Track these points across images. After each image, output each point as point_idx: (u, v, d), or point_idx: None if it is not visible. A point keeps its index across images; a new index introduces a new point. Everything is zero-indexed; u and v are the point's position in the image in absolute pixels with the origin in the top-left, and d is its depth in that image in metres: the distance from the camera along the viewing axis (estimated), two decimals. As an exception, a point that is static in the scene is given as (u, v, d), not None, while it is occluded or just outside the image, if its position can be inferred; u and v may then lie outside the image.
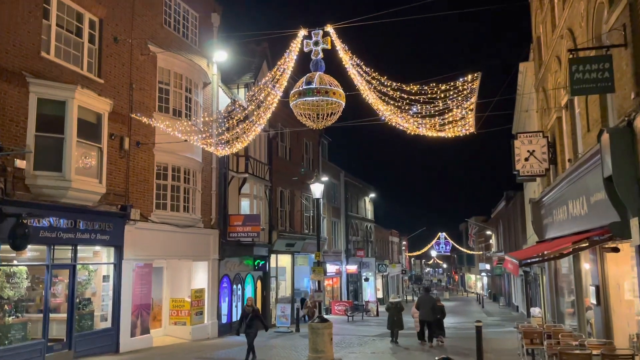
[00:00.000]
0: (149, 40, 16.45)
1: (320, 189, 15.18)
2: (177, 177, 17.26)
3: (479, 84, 10.80)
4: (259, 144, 23.60)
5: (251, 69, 22.89)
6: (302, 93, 11.44)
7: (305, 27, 11.75)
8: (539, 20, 16.32)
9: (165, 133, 15.86)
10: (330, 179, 35.17)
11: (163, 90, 17.09)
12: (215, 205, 19.59)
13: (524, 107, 20.85)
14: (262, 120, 13.54)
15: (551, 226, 14.10)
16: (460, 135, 12.35)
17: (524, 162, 14.47)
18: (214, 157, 19.42)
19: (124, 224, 14.76)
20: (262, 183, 23.64)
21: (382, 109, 12.05)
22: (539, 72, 16.53)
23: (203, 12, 19.83)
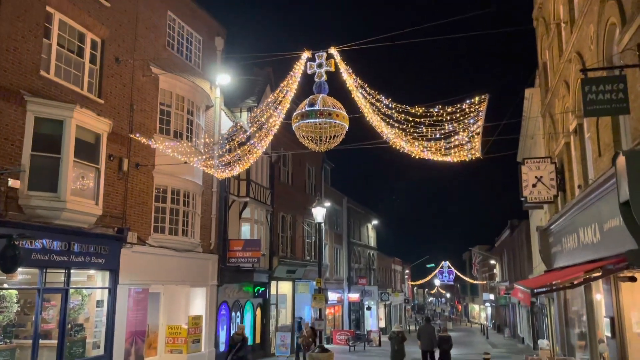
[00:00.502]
0: (151, 62, 16.34)
1: (322, 213, 14.83)
2: (176, 200, 16.95)
3: (486, 107, 10.52)
4: (261, 168, 23.36)
5: (254, 93, 22.81)
6: (305, 115, 11.20)
7: (309, 49, 11.60)
8: (544, 46, 16.15)
9: (165, 155, 15.62)
10: (332, 205, 34.77)
11: (164, 112, 16.91)
12: (215, 230, 19.22)
13: (530, 134, 20.59)
14: (264, 142, 13.28)
15: (560, 255, 13.64)
16: (466, 160, 12.06)
17: (531, 188, 14.10)
18: (215, 180, 19.14)
19: (120, 247, 14.38)
20: (263, 207, 23.30)
21: (387, 132, 11.78)
22: (545, 98, 16.30)
23: (207, 36, 19.82)
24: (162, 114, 16.83)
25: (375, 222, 49.23)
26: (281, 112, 12.49)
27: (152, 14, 16.68)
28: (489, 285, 61.17)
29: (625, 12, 7.93)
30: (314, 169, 31.87)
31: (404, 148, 11.95)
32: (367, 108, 11.51)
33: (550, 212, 15.94)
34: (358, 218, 43.60)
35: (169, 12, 17.65)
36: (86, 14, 13.88)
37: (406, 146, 11.90)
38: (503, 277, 48.05)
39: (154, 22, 16.76)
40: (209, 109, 19.32)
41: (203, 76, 19.29)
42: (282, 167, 26.91)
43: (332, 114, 11.16)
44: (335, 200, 36.91)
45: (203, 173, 18.11)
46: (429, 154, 11.92)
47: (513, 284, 34.94)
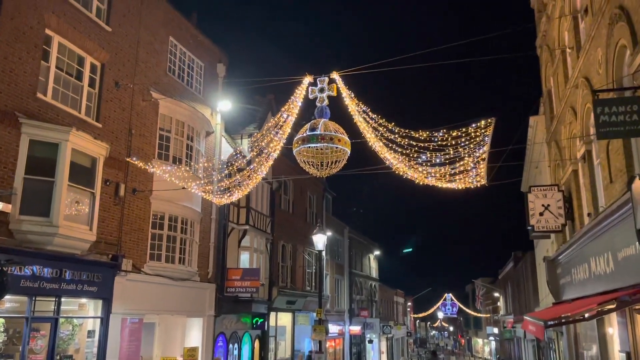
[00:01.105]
0: (151, 87, 16.21)
1: (323, 240, 14.44)
2: (174, 227, 16.58)
3: (492, 131, 10.24)
4: (261, 195, 23.06)
5: (256, 120, 22.69)
6: (306, 139, 10.96)
7: (311, 74, 11.43)
8: (549, 73, 16.01)
9: (163, 180, 15.33)
10: (334, 234, 34.34)
11: (164, 137, 16.70)
12: (213, 258, 18.79)
13: (534, 163, 20.30)
14: (264, 167, 13.00)
15: (570, 286, 13.16)
16: (471, 186, 11.75)
17: (538, 217, 13.69)
18: (214, 207, 18.82)
19: (114, 274, 13.94)
20: (263, 236, 22.90)
21: (390, 158, 11.51)
22: (550, 125, 16.06)
23: (209, 62, 19.78)
24: (161, 139, 16.61)
25: (377, 253, 48.62)
26: (282, 136, 12.25)
27: (153, 40, 16.62)
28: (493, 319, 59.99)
29: (637, 32, 7.71)
30: (315, 198, 31.56)
31: (408, 174, 11.67)
32: (369, 133, 11.28)
33: (557, 242, 15.52)
34: (360, 248, 43.05)
35: (171, 38, 17.63)
36: (86, 37, 13.78)
37: (410, 172, 11.62)
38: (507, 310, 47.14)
39: (155, 47, 16.70)
40: (209, 135, 19.12)
41: (204, 102, 19.15)
42: (283, 194, 26.64)
43: (334, 139, 10.92)
44: (337, 229, 36.46)
45: (202, 200, 17.81)
46: (434, 180, 11.64)
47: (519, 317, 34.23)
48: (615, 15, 8.55)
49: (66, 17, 13.19)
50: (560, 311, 10.34)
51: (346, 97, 11.10)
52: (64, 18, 13.10)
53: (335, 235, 35.83)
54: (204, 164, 17.32)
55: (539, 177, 20.03)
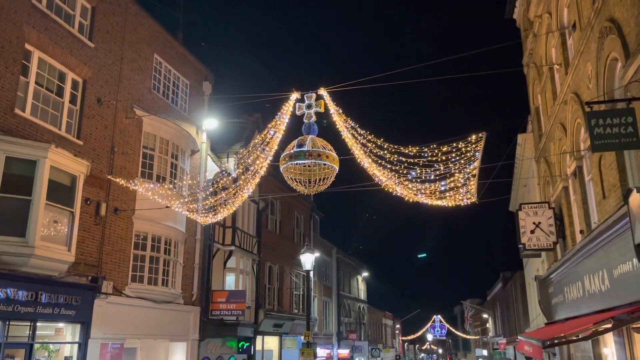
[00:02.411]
0: (135, 104, 15.97)
1: (311, 260, 14.13)
2: (157, 247, 16.17)
3: (483, 146, 10.09)
4: (248, 215, 22.76)
5: (242, 138, 22.48)
6: (293, 156, 10.77)
7: (298, 90, 11.28)
8: (537, 91, 16.03)
9: (146, 199, 14.97)
10: (322, 255, 34.00)
11: (147, 156, 16.41)
12: (198, 280, 18.35)
13: (523, 182, 20.26)
14: (250, 185, 12.74)
15: (562, 306, 12.94)
16: (461, 204, 11.59)
17: (529, 235, 13.53)
18: (199, 227, 18.48)
19: (93, 297, 13.46)
20: (249, 257, 22.52)
21: (378, 174, 11.32)
22: (539, 143, 16.03)
23: (194, 80, 19.61)
24: (145, 158, 16.32)
25: (366, 274, 48.23)
26: (268, 153, 12.03)
27: (137, 56, 16.42)
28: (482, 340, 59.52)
29: (629, 44, 7.62)
30: (303, 218, 31.30)
31: (397, 191, 11.48)
32: (358, 149, 11.11)
33: (549, 261, 15.35)
34: (348, 270, 42.69)
35: (156, 55, 17.44)
36: (68, 53, 13.52)
37: (399, 189, 11.43)
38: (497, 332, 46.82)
39: (139, 64, 16.49)
40: (194, 154, 18.87)
41: (189, 120, 18.93)
42: (270, 215, 26.40)
43: (322, 155, 10.76)
44: (325, 250, 36.13)
45: (186, 219, 17.47)
46: (423, 198, 11.45)
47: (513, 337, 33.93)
48: (606, 29, 8.49)
49: (47, 32, 12.93)
50: (553, 331, 10.09)
51: (334, 113, 10.98)
52: (44, 33, 12.84)
53: (324, 256, 35.48)
54: (188, 182, 16.97)
55: (527, 196, 19.97)
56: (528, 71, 17.12)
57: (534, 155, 17.20)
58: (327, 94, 10.92)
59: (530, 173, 18.37)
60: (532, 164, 17.83)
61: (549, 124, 13.99)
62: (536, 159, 16.80)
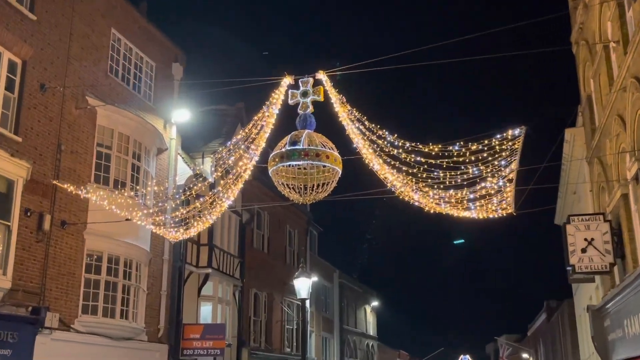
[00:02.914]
0: (87, 91, 16.10)
1: (307, 286, 14.19)
2: (114, 270, 16.26)
3: (522, 144, 10.15)
4: (228, 230, 22.90)
5: (221, 134, 22.62)
6: (286, 156, 10.79)
7: (291, 74, 11.34)
8: (588, 75, 16.13)
9: (101, 210, 15.03)
10: (321, 280, 34.07)
11: (103, 156, 16.53)
12: (166, 311, 18.48)
13: (572, 188, 20.33)
14: (231, 192, 12.79)
15: (621, 343, 12.99)
16: (495, 216, 11.64)
17: (580, 254, 13.63)
18: (167, 245, 18.62)
19: (35, 333, 13.54)
20: (230, 282, 22.66)
21: (391, 179, 11.38)
22: (591, 140, 16.11)
23: (162, 61, 19.76)
24: (99, 158, 16.44)
25: (375, 304, 48.36)
26: (254, 152, 12.09)
27: (90, 32, 16.56)
28: (522, 386, 59.60)
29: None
30: (297, 233, 31.44)
31: (414, 199, 11.55)
32: (365, 147, 11.17)
33: (604, 287, 15.41)
34: (353, 298, 42.81)
35: (114, 30, 17.59)
36: (3, 28, 13.65)
37: (417, 197, 11.49)
38: (540, 375, 46.96)
39: (93, 41, 16.62)
40: (161, 153, 18.99)
41: (155, 111, 19.05)
42: (256, 229, 26.50)
43: (321, 155, 10.77)
44: (325, 274, 36.20)
45: (151, 235, 17.54)
46: (448, 208, 11.51)
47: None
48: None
49: (-22, 2, 13.01)
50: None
51: (336, 103, 11.04)
52: (-26, 2, 12.92)
53: (323, 281, 35.52)
54: (153, 189, 17.02)
55: (577, 206, 20.03)
56: (577, 50, 17.21)
57: (585, 155, 17.28)
58: (327, 78, 10.93)
59: (581, 177, 18.43)
60: (583, 166, 17.89)
61: (604, 116, 14.07)
62: (588, 160, 16.87)
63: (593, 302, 17.31)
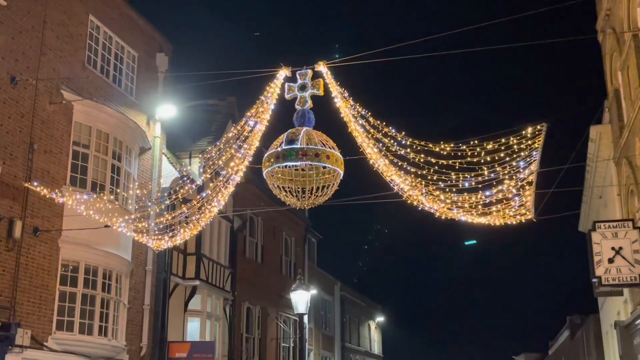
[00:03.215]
0: (63, 84, 16.10)
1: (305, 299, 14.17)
2: (92, 282, 16.23)
3: (543, 143, 10.14)
4: (218, 237, 22.91)
5: (210, 132, 22.64)
6: (282, 156, 10.84)
7: (288, 65, 11.35)
8: (616, 67, 16.14)
9: (77, 216, 15.01)
10: (320, 293, 34.06)
11: (79, 156, 16.51)
12: (149, 327, 18.48)
13: (597, 192, 20.32)
14: (221, 196, 12.79)
15: (653, 363, 13.00)
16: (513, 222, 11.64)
17: (607, 264, 13.68)
18: (150, 254, 18.63)
19: (4, 351, 13.51)
20: (220, 295, 22.67)
21: (398, 181, 11.37)
22: (619, 138, 16.12)
23: (145, 52, 19.80)
24: (76, 158, 16.42)
25: (381, 319, 48.33)
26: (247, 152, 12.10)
27: (67, 19, 16.58)
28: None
29: None
30: (294, 241, 31.42)
31: (424, 204, 11.55)
32: (370, 146, 11.18)
33: (634, 301, 15.45)
34: (356, 312, 42.83)
35: (92, 17, 17.59)
36: (-29, 14, 13.58)
37: (426, 201, 11.48)
38: (562, 398, 47.00)
39: (69, 30, 16.62)
40: (144, 153, 19.02)
41: (138, 107, 19.07)
42: (249, 237, 26.45)
43: (321, 155, 10.81)
44: (325, 286, 36.20)
45: (133, 244, 17.53)
46: (461, 213, 11.51)
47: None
48: None
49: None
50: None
51: (337, 97, 11.06)
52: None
53: (323, 294, 35.51)
54: (136, 192, 17.01)
55: (604, 210, 20.02)
56: (604, 39, 17.23)
57: (612, 156, 17.28)
58: (327, 70, 10.95)
59: (608, 179, 18.42)
60: (609, 167, 17.89)
61: (634, 111, 14.08)
62: (615, 160, 16.88)
63: (621, 318, 17.31)
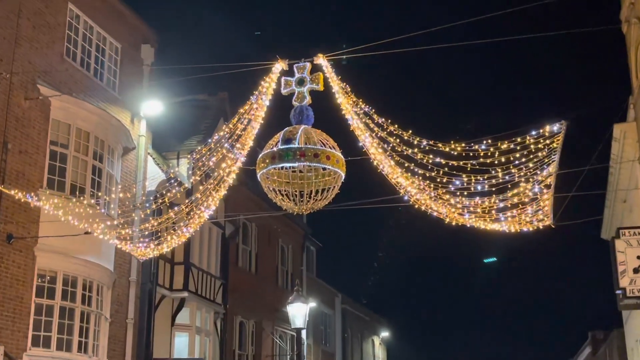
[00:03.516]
0: (39, 78, 16.16)
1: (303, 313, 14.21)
2: (71, 294, 16.29)
3: (562, 142, 10.20)
4: (208, 245, 22.98)
5: (200, 130, 22.70)
6: (278, 156, 10.90)
7: (285, 58, 11.44)
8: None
9: (55, 221, 15.06)
10: (320, 306, 34.10)
11: (57, 156, 16.55)
12: (133, 343, 18.54)
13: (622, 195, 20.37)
14: (212, 200, 12.86)
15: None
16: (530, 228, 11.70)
17: (632, 275, 13.77)
18: (134, 263, 18.68)
19: (-25, 370, 13.55)
20: (210, 308, 22.73)
21: (405, 184, 11.45)
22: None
23: (129, 42, 19.87)
24: (53, 159, 16.46)
25: (386, 334, 48.39)
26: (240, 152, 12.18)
27: (44, 7, 16.63)
28: None
29: None
30: (291, 249, 31.52)
31: (433, 209, 11.61)
32: (373, 146, 11.25)
33: (661, 314, 15.47)
34: (359, 327, 42.87)
35: (71, 5, 17.63)
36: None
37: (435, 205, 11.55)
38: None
39: (46, 19, 16.67)
40: (128, 153, 19.09)
41: (121, 103, 19.14)
42: (242, 245, 26.58)
43: (320, 156, 10.86)
44: (325, 298, 36.24)
45: (116, 252, 17.61)
46: (473, 219, 11.57)
47: None
48: None
49: None
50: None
51: (338, 92, 11.11)
52: None
53: (323, 307, 35.53)
54: (119, 196, 17.08)
55: (629, 216, 20.07)
56: (628, 30, 17.28)
57: (637, 156, 17.33)
58: (327, 63, 11.01)
59: (633, 182, 18.48)
60: (635, 169, 17.94)
61: (661, 108, 14.14)
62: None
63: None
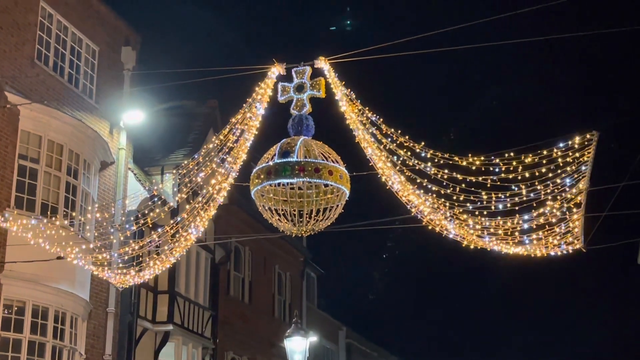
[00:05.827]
0: (7, 84, 16.26)
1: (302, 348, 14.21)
2: (41, 327, 16.29)
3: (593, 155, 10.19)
4: (196, 272, 23.08)
5: (187, 143, 22.76)
6: (274, 171, 10.93)
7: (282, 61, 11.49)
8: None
9: (23, 245, 15.08)
10: (322, 340, 34.03)
11: (27, 171, 16.62)
12: (110, 382, 18.40)
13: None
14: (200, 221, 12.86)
15: None
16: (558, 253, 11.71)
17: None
18: (112, 292, 18.70)
19: None
20: (198, 343, 22.77)
21: (417, 202, 11.45)
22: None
23: (107, 45, 19.99)
24: (22, 175, 16.54)
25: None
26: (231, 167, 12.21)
27: (12, 5, 16.78)
28: None
29: None
30: (289, 277, 31.61)
31: (448, 230, 11.61)
32: (381, 160, 11.26)
33: None
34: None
35: (43, 3, 17.75)
36: None
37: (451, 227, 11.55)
38: None
39: (15, 18, 16.81)
40: (106, 168, 19.17)
41: (98, 112, 19.21)
42: (234, 271, 26.60)
43: (322, 171, 10.88)
44: (327, 331, 36.25)
45: (92, 280, 17.63)
46: (493, 241, 11.56)
47: None
48: None
49: None
50: None
51: (342, 100, 11.15)
52: None
53: (325, 341, 35.50)
54: (95, 216, 17.09)
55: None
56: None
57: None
58: (329, 67, 11.07)
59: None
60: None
61: None
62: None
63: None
